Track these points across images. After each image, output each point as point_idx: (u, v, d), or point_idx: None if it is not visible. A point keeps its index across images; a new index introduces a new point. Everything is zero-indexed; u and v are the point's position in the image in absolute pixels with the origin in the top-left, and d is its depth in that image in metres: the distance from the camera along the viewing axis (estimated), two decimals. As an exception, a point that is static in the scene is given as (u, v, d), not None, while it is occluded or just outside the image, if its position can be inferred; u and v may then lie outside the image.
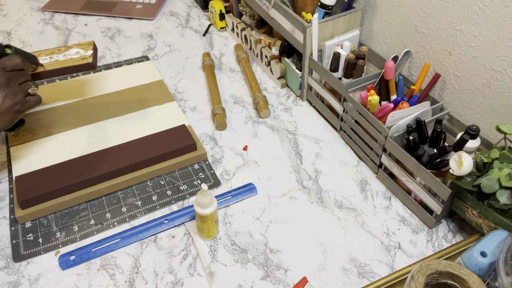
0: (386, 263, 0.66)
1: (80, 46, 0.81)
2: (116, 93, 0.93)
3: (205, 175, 0.79)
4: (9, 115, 0.65)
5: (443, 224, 0.71)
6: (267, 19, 0.99)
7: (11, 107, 0.65)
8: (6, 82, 0.64)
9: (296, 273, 0.64)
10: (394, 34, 0.86)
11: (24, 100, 0.67)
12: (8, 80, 0.64)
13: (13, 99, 0.65)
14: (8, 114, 0.65)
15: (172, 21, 1.23)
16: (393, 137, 0.71)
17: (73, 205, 0.73)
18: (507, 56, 0.65)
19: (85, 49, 0.80)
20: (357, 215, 0.73)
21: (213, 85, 0.96)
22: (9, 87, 0.64)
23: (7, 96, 0.64)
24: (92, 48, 0.81)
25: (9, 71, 0.65)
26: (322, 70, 0.85)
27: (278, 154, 0.83)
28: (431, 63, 0.79)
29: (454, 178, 0.63)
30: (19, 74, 0.67)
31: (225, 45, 1.14)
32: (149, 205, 0.73)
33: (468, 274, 0.52)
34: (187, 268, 0.65)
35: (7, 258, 0.65)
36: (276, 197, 0.75)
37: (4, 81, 0.64)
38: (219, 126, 0.88)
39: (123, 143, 0.79)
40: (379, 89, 0.81)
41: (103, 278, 0.63)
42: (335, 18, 0.86)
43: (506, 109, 0.69)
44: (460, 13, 0.70)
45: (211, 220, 0.65)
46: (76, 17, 1.24)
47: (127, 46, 1.12)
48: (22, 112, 0.68)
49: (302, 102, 0.96)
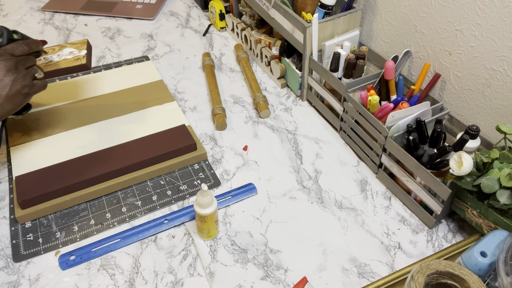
0: (386, 263, 0.66)
1: (74, 45, 0.79)
2: (116, 93, 0.93)
3: (205, 175, 0.79)
4: (18, 98, 0.67)
5: (443, 224, 0.71)
6: (267, 19, 0.99)
7: (20, 90, 0.67)
8: (15, 66, 0.66)
9: (296, 273, 0.64)
10: (394, 34, 0.86)
11: (32, 83, 0.69)
12: (16, 64, 0.67)
13: (22, 82, 0.67)
14: (17, 97, 0.67)
15: (172, 21, 1.23)
16: (393, 137, 0.71)
17: (73, 205, 0.73)
18: (507, 56, 0.65)
19: (79, 49, 0.78)
20: (357, 215, 0.73)
21: (213, 85, 0.96)
22: (18, 71, 0.67)
23: (16, 79, 0.66)
24: (86, 47, 0.79)
25: (17, 56, 0.67)
26: (322, 70, 0.85)
27: (278, 154, 0.83)
28: (431, 63, 0.79)
29: (454, 178, 0.63)
30: (27, 58, 0.69)
31: (225, 45, 1.14)
32: (149, 205, 0.73)
33: (468, 274, 0.52)
34: (187, 268, 0.65)
35: (7, 258, 0.65)
36: (276, 197, 0.75)
37: (13, 65, 0.66)
38: (219, 126, 0.88)
39: (123, 143, 0.79)
40: (379, 89, 0.81)
41: (103, 278, 0.63)
42: (335, 18, 0.86)
43: (506, 109, 0.69)
44: (460, 13, 0.70)
45: (211, 220, 0.65)
46: (76, 17, 1.24)
47: (127, 46, 1.12)
48: (30, 95, 0.70)
49: (302, 102, 0.96)
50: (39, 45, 0.73)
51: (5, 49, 0.66)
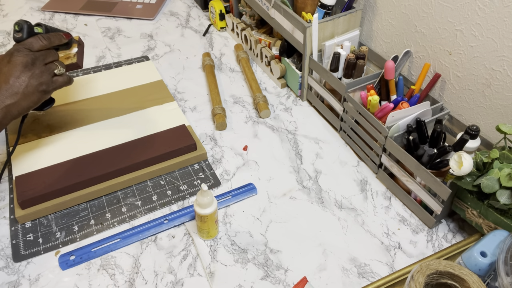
0: (386, 263, 0.66)
1: None
2: (116, 93, 0.93)
3: (205, 175, 0.79)
4: (36, 95, 0.66)
5: (443, 224, 0.71)
6: (267, 19, 0.99)
7: (37, 87, 0.65)
8: (32, 62, 0.64)
9: (296, 273, 0.64)
10: (394, 34, 0.86)
11: (51, 80, 0.67)
12: (34, 60, 0.65)
13: (39, 79, 0.65)
14: (34, 94, 0.65)
15: (172, 21, 1.23)
16: (393, 137, 0.71)
17: (73, 205, 0.73)
18: (507, 56, 0.65)
19: None
20: (357, 215, 0.73)
21: (213, 85, 0.96)
22: (35, 67, 0.65)
23: (33, 76, 0.64)
24: (77, 45, 0.77)
25: (35, 51, 0.65)
26: (322, 70, 0.85)
27: (278, 154, 0.83)
28: (431, 63, 0.79)
29: (454, 178, 0.63)
30: (47, 53, 0.67)
31: (225, 45, 1.14)
32: (149, 205, 0.73)
33: (468, 274, 0.52)
34: (187, 268, 0.65)
35: (7, 258, 0.65)
36: (276, 197, 0.75)
37: (30, 61, 0.64)
38: (219, 126, 0.88)
39: (123, 143, 0.79)
40: (379, 89, 0.81)
41: (103, 278, 0.63)
42: (335, 18, 0.86)
43: (506, 109, 0.69)
44: (460, 13, 0.70)
45: (211, 220, 0.65)
46: (76, 17, 1.24)
47: (127, 46, 1.12)
48: (49, 92, 0.68)
49: (302, 102, 0.96)
50: (62, 38, 0.70)
51: (23, 44, 0.64)
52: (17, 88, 0.63)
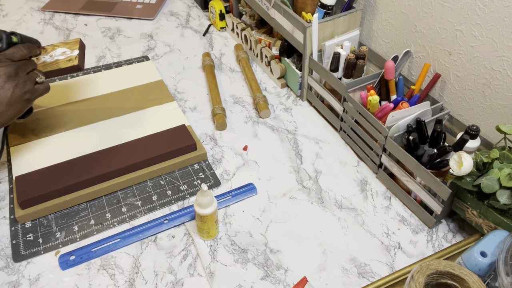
0: (386, 263, 0.66)
1: (67, 45, 0.78)
2: (116, 93, 0.93)
3: (205, 175, 0.79)
4: (20, 103, 0.66)
5: (443, 224, 0.71)
6: (267, 19, 0.99)
7: (22, 96, 0.66)
8: (15, 72, 0.65)
9: (296, 273, 0.64)
10: (394, 34, 0.86)
11: (33, 88, 0.68)
12: (16, 70, 0.65)
13: (23, 88, 0.66)
14: (19, 103, 0.66)
15: (172, 21, 1.23)
16: (393, 137, 0.71)
17: (73, 205, 0.73)
18: (507, 56, 0.65)
19: (71, 49, 0.77)
20: (357, 215, 0.73)
21: (213, 85, 0.96)
22: (18, 77, 0.65)
23: (17, 85, 0.65)
24: (79, 47, 0.77)
25: (16, 61, 0.66)
26: (322, 70, 0.85)
27: (278, 154, 0.83)
28: (431, 63, 0.79)
29: (454, 178, 0.63)
30: (27, 63, 0.68)
31: (225, 45, 1.14)
32: (149, 205, 0.73)
33: (468, 274, 0.52)
34: (187, 268, 0.65)
35: (7, 258, 0.65)
36: (276, 197, 0.75)
37: (13, 71, 0.65)
38: (219, 126, 0.88)
39: (123, 143, 0.79)
40: (379, 89, 0.81)
41: (103, 278, 0.63)
42: (335, 18, 0.86)
43: (506, 109, 0.69)
44: (460, 13, 0.70)
45: (211, 220, 0.65)
46: (76, 17, 1.24)
47: (127, 46, 1.12)
48: (32, 100, 0.69)
49: (302, 102, 0.96)
50: (37, 49, 0.71)
51: (4, 54, 0.65)
52: (2, 98, 0.64)
